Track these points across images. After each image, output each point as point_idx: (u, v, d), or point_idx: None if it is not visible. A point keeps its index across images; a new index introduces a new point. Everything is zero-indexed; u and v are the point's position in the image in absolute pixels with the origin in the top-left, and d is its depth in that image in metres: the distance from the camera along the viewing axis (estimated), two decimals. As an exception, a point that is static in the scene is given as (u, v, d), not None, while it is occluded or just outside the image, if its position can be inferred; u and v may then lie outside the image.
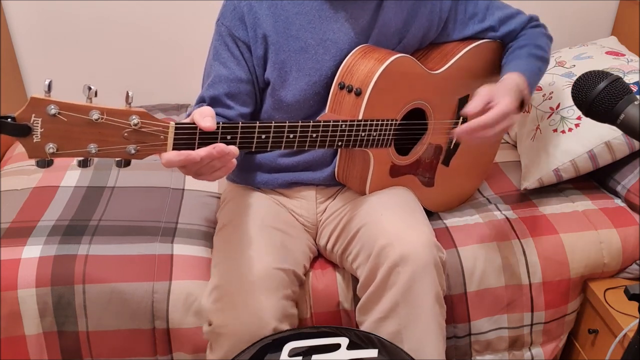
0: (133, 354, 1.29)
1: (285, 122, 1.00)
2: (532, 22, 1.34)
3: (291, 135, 1.02)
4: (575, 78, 0.89)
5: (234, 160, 0.92)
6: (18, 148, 1.79)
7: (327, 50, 1.19)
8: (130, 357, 1.29)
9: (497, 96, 1.13)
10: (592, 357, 1.42)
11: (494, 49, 1.35)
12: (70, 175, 1.60)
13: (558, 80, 1.60)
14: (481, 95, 1.13)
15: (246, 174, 1.34)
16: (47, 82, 0.78)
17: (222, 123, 0.93)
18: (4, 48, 1.85)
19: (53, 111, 0.78)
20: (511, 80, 1.19)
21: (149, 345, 1.28)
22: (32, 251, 1.28)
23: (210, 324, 1.13)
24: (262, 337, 1.06)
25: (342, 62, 1.19)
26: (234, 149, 0.90)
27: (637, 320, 1.10)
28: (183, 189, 1.57)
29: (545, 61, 1.30)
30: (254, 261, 1.14)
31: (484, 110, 1.11)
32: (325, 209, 1.33)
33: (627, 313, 1.30)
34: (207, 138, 0.91)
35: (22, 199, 1.49)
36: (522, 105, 1.21)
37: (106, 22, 1.92)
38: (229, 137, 0.94)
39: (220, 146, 0.88)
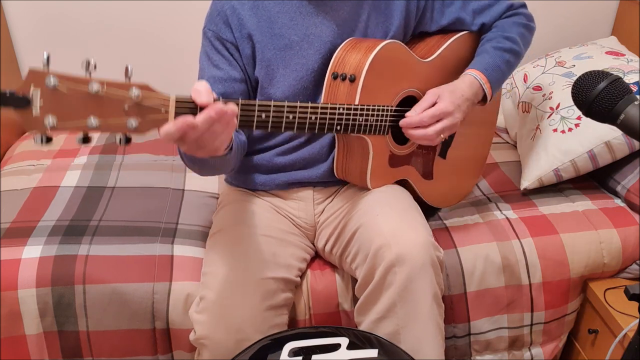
0: (133, 353, 1.29)
1: (284, 103, 1.01)
2: (511, 10, 1.33)
3: (290, 116, 1.02)
4: (575, 78, 0.89)
5: (235, 120, 0.88)
6: (18, 148, 1.79)
7: (311, 45, 1.20)
8: (130, 357, 1.29)
9: (440, 97, 1.17)
10: (592, 357, 1.42)
11: (478, 39, 1.36)
12: (70, 175, 1.60)
13: (558, 80, 1.60)
14: (426, 97, 1.19)
15: (244, 176, 1.34)
16: (45, 55, 0.76)
17: (223, 99, 0.90)
18: (4, 48, 1.86)
19: (52, 82, 0.75)
20: (464, 79, 1.23)
21: (150, 344, 1.28)
22: (32, 251, 1.28)
23: (195, 333, 1.15)
24: (243, 349, 1.06)
25: (327, 55, 1.21)
26: (232, 107, 0.85)
27: (637, 320, 1.10)
28: (183, 190, 1.57)
29: (513, 52, 1.29)
30: (240, 273, 1.15)
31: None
32: (323, 211, 1.33)
33: (627, 313, 1.30)
34: None
35: (22, 199, 1.49)
36: (484, 99, 1.26)
37: (106, 22, 1.92)
38: None
39: (217, 106, 0.84)
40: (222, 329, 1.11)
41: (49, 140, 0.79)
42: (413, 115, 1.16)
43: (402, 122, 1.17)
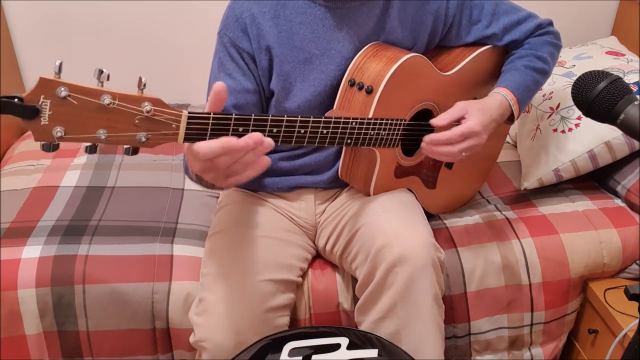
0: (133, 352, 1.29)
1: (297, 117, 0.98)
2: (541, 29, 1.30)
3: (302, 131, 1.00)
4: (575, 78, 0.89)
5: (268, 158, 0.87)
6: (18, 148, 1.79)
7: (331, 60, 1.18)
8: (130, 356, 1.29)
9: (469, 114, 1.13)
10: (592, 357, 1.42)
11: (503, 53, 1.34)
12: (70, 175, 1.60)
13: (558, 80, 1.60)
14: (454, 109, 1.14)
15: None
16: (57, 63, 0.74)
17: (235, 114, 0.90)
18: (4, 48, 1.86)
19: (63, 93, 0.75)
20: (494, 98, 1.19)
21: (150, 344, 1.28)
22: (32, 251, 1.28)
23: (195, 335, 1.15)
24: (243, 349, 1.06)
25: (346, 71, 1.18)
26: (270, 141, 0.84)
27: (637, 320, 1.10)
28: (183, 189, 1.57)
29: (544, 72, 1.27)
30: (239, 276, 1.14)
31: (453, 125, 1.12)
32: (324, 210, 1.32)
33: (627, 313, 1.30)
34: (219, 129, 0.88)
35: (22, 199, 1.49)
36: (512, 118, 1.24)
37: (106, 22, 1.92)
38: (241, 129, 0.91)
39: (256, 135, 0.83)
40: (222, 332, 1.11)
41: (55, 148, 0.79)
42: (438, 122, 1.11)
43: (428, 138, 1.09)
